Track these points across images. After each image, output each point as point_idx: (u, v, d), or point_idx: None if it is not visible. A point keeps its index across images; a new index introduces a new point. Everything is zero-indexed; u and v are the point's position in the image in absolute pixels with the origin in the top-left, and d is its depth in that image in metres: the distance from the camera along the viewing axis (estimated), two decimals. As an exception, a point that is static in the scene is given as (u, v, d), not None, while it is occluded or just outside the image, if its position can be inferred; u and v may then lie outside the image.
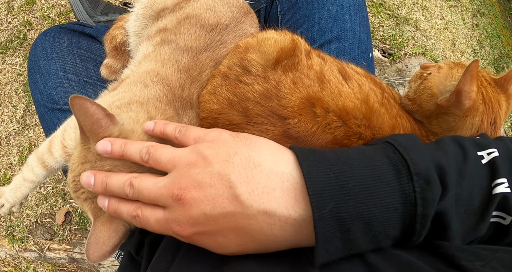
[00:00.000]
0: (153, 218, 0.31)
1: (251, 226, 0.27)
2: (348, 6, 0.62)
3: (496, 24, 2.59)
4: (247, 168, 0.28)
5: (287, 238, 0.28)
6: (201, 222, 0.28)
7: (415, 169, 0.27)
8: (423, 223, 0.27)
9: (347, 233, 0.26)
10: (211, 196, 0.28)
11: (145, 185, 0.31)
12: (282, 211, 0.27)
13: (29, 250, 0.94)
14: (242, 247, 0.29)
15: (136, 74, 0.51)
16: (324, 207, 0.26)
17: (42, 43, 0.62)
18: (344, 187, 0.26)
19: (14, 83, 1.09)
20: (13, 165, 1.02)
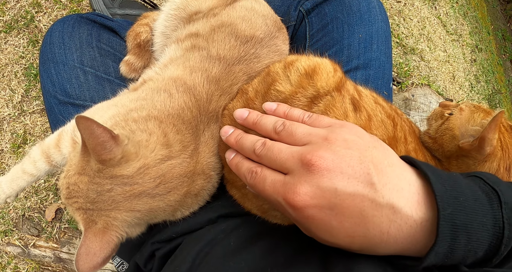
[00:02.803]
0: (271, 178, 0.31)
1: (374, 218, 0.27)
2: (376, 36, 0.63)
3: (491, 60, 2.70)
4: (383, 163, 0.29)
5: (397, 240, 0.28)
6: (327, 195, 0.28)
7: (504, 198, 0.29)
8: (507, 244, 0.28)
9: (454, 241, 0.27)
10: (348, 174, 0.28)
11: (278, 146, 0.32)
12: (407, 210, 0.28)
13: (13, 244, 0.88)
14: (349, 240, 0.28)
15: (160, 79, 0.49)
16: (445, 210, 0.27)
17: (60, 31, 0.59)
18: (457, 198, 0.28)
19: (15, 65, 1.04)
20: (4, 152, 0.97)
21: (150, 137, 0.40)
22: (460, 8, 2.40)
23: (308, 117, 0.35)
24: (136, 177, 0.38)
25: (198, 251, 0.40)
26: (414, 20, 1.81)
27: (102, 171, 0.37)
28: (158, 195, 0.39)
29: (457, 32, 2.23)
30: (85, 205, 0.38)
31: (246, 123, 0.38)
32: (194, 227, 0.45)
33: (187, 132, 0.42)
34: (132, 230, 0.40)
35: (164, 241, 0.46)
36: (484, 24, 2.85)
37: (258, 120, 0.36)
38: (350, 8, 0.62)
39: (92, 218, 0.38)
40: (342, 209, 0.27)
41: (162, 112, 0.43)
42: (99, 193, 0.37)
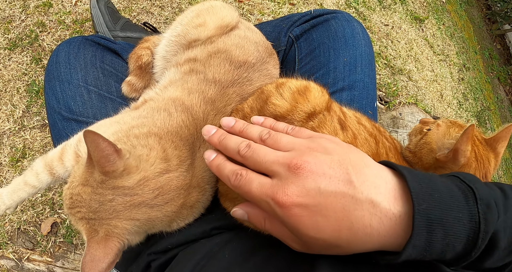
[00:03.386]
0: (257, 181, 0.33)
1: (356, 211, 0.30)
2: (360, 59, 0.68)
3: (479, 78, 2.81)
4: (360, 165, 0.32)
5: (380, 233, 0.30)
6: (312, 194, 0.30)
7: (479, 195, 0.31)
8: (483, 238, 0.30)
9: (431, 235, 0.29)
10: (329, 175, 0.31)
11: (263, 149, 0.34)
12: (385, 204, 0.30)
13: (6, 257, 0.89)
14: (336, 234, 0.30)
15: (160, 99, 0.53)
16: (420, 205, 0.29)
17: (66, 51, 0.63)
18: (432, 195, 0.30)
19: (18, 82, 1.08)
20: (2, 165, 0.99)
21: (150, 151, 0.43)
22: (446, 29, 2.52)
23: (291, 129, 0.39)
24: (136, 188, 0.41)
25: (195, 264, 0.42)
26: (402, 42, 1.90)
27: (105, 182, 0.40)
28: (156, 205, 0.42)
29: (444, 53, 2.33)
30: (87, 214, 0.40)
31: (232, 131, 0.40)
32: (189, 238, 0.47)
33: (184, 148, 0.46)
34: (132, 237, 0.42)
35: (160, 252, 0.48)
36: (471, 44, 2.98)
37: (245, 128, 0.39)
38: (336, 34, 0.67)
39: (94, 227, 0.40)
40: (326, 206, 0.30)
41: (161, 130, 0.46)
42: (101, 202, 0.40)
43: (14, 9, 1.14)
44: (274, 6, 1.46)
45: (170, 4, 1.27)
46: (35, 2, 1.16)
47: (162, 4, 1.26)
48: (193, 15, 0.57)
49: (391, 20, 1.92)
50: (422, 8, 2.28)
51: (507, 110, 3.29)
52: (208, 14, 0.56)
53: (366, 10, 1.81)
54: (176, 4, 1.28)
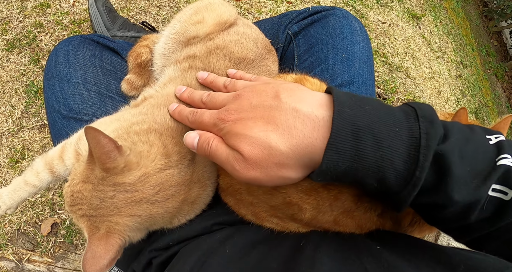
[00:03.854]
0: (208, 112, 0.40)
1: (280, 116, 0.34)
2: (359, 55, 0.68)
3: (477, 75, 2.82)
4: (293, 89, 0.37)
5: (305, 134, 0.33)
6: (245, 109, 0.36)
7: (421, 112, 0.32)
8: (425, 154, 0.30)
9: (358, 141, 0.31)
10: (259, 93, 0.37)
11: (219, 94, 0.42)
12: (308, 109, 0.34)
13: (7, 259, 0.88)
14: (264, 133, 0.34)
15: (160, 96, 0.53)
16: (344, 111, 0.32)
17: (65, 50, 0.63)
18: (362, 107, 0.32)
19: (16, 82, 1.08)
20: (1, 166, 0.98)
21: (151, 148, 0.43)
22: (444, 27, 2.53)
23: (255, 78, 0.47)
24: (137, 184, 0.41)
25: (196, 260, 0.42)
26: (399, 40, 1.90)
27: (105, 178, 0.40)
28: (157, 201, 0.42)
29: (441, 50, 2.34)
30: (88, 211, 0.40)
31: (205, 82, 0.49)
32: (191, 235, 0.47)
33: (184, 146, 0.46)
34: (133, 234, 0.42)
35: (162, 249, 0.48)
36: (468, 41, 2.99)
37: (215, 79, 0.48)
38: (334, 30, 0.68)
39: (96, 224, 0.40)
40: (255, 114, 0.35)
41: (162, 126, 0.46)
42: (102, 199, 0.40)
43: (11, 10, 1.13)
44: (271, 5, 1.47)
45: (168, 4, 1.27)
46: (33, 2, 1.16)
47: (160, 3, 1.26)
48: (192, 13, 0.57)
49: (388, 17, 1.92)
50: (419, 5, 2.29)
51: (504, 106, 3.30)
52: (206, 11, 0.56)
53: (363, 8, 1.81)
54: (174, 3, 1.28)
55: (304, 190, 0.40)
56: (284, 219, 0.44)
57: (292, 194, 0.40)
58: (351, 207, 0.40)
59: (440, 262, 0.31)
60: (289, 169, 0.34)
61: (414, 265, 0.31)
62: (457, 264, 0.30)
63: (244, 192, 0.44)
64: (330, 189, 0.40)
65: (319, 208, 0.41)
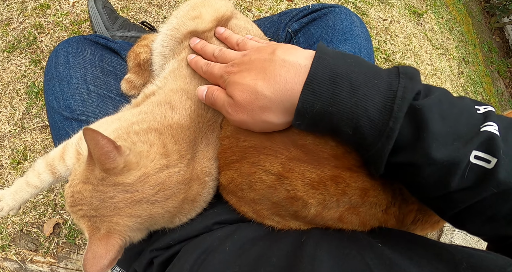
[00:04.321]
0: (218, 66, 0.46)
1: (270, 66, 0.38)
2: (359, 52, 0.68)
3: (479, 72, 2.80)
4: (290, 47, 0.40)
5: (287, 79, 0.36)
6: (246, 63, 0.41)
7: (403, 70, 0.34)
8: (400, 105, 0.31)
9: (335, 85, 0.33)
10: (260, 51, 0.42)
11: (230, 51, 0.47)
12: (293, 59, 0.37)
13: (10, 259, 0.89)
14: (253, 82, 0.38)
15: (161, 92, 0.52)
16: (323, 58, 0.35)
17: (65, 51, 0.63)
18: (344, 59, 0.35)
19: (17, 84, 1.08)
20: (3, 167, 0.98)
21: (150, 147, 0.43)
22: (445, 23, 2.51)
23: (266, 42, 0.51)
24: (137, 184, 0.40)
25: (196, 259, 0.42)
26: (401, 37, 1.89)
27: (105, 179, 0.40)
28: (157, 201, 0.42)
29: (443, 47, 2.32)
30: (89, 212, 0.40)
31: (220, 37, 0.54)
32: (192, 234, 0.47)
33: (184, 141, 0.46)
34: (134, 234, 0.42)
35: (163, 248, 0.48)
36: (470, 38, 2.97)
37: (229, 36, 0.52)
38: (334, 28, 0.67)
39: (96, 224, 0.40)
40: (252, 66, 0.40)
41: (162, 124, 0.46)
42: (102, 200, 0.40)
43: (11, 12, 1.14)
44: (272, 3, 1.46)
45: (167, 3, 1.27)
46: (33, 4, 1.16)
47: (160, 3, 1.26)
48: (189, 8, 0.57)
49: (389, 14, 1.91)
50: (420, 2, 2.28)
51: (507, 103, 3.28)
52: (203, 6, 0.56)
53: (364, 5, 1.80)
54: (173, 2, 1.28)
55: (311, 182, 0.40)
56: (286, 217, 0.44)
57: (298, 186, 0.40)
58: (358, 202, 0.40)
59: (442, 260, 0.31)
60: (271, 112, 0.38)
61: (416, 262, 0.31)
62: (459, 261, 0.30)
63: (246, 187, 0.44)
64: (338, 182, 0.39)
65: (325, 204, 0.40)
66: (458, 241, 1.26)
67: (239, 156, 0.44)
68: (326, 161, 0.40)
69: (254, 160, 0.42)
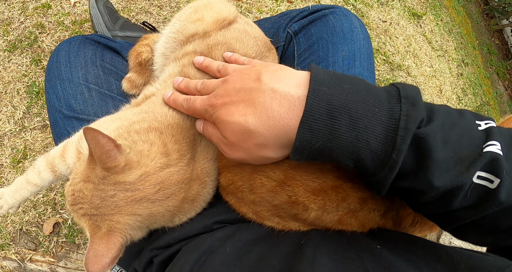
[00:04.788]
0: (200, 99, 0.43)
1: (259, 98, 0.35)
2: (359, 53, 0.68)
3: (478, 73, 2.81)
4: (276, 70, 0.38)
5: (281, 115, 0.34)
6: (229, 93, 0.38)
7: (405, 93, 0.31)
8: (403, 136, 0.29)
9: (333, 120, 0.31)
10: (243, 77, 0.38)
11: (212, 81, 0.44)
12: (285, 89, 0.34)
13: (9, 258, 0.89)
14: (243, 118, 0.36)
15: (161, 94, 0.53)
16: (319, 90, 0.32)
17: (66, 50, 0.63)
18: (340, 86, 0.32)
19: (18, 83, 1.08)
20: (3, 166, 0.99)
21: (151, 147, 0.43)
22: (445, 25, 2.52)
23: (247, 61, 0.49)
24: (137, 183, 0.41)
25: (196, 259, 0.42)
26: (400, 38, 1.90)
27: (106, 177, 0.40)
28: (158, 200, 0.42)
29: (442, 48, 2.33)
30: (89, 210, 0.40)
31: (201, 66, 0.51)
32: (191, 233, 0.48)
33: (184, 141, 0.46)
34: (134, 233, 0.42)
35: (163, 247, 0.48)
36: (469, 40, 2.98)
37: (209, 63, 0.50)
38: (334, 28, 0.68)
39: (97, 223, 0.40)
40: (238, 98, 0.37)
41: (162, 124, 0.46)
42: (102, 198, 0.40)
43: (13, 11, 1.14)
44: (272, 4, 1.47)
45: (168, 4, 1.28)
46: (34, 3, 1.16)
47: (161, 3, 1.27)
48: (191, 11, 0.57)
49: (389, 16, 1.92)
50: (420, 4, 2.28)
51: (506, 105, 3.28)
52: (205, 9, 0.56)
53: (364, 6, 1.81)
54: (174, 3, 1.28)
55: (312, 190, 0.40)
56: (286, 218, 0.44)
57: (299, 192, 0.40)
58: (356, 207, 0.41)
59: (440, 261, 0.31)
60: (268, 149, 0.36)
61: (414, 264, 0.31)
62: (457, 262, 0.30)
63: (247, 190, 0.44)
64: (338, 191, 0.40)
65: (325, 208, 0.41)
66: (458, 242, 1.26)
67: None
68: (328, 171, 0.40)
69: (255, 165, 0.43)
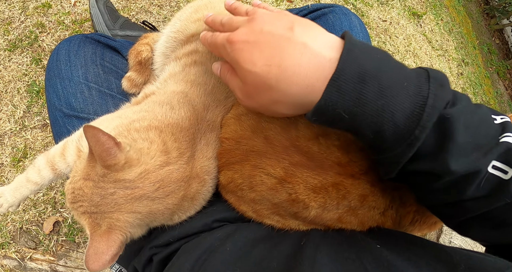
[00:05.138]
0: (222, 35, 0.39)
1: (288, 49, 0.33)
2: None
3: (478, 73, 2.80)
4: (310, 25, 0.35)
5: (307, 73, 0.32)
6: (254, 33, 0.35)
7: (433, 74, 0.31)
8: (430, 113, 0.29)
9: (362, 84, 0.30)
10: (273, 21, 0.35)
11: (238, 17, 0.41)
12: (316, 47, 0.32)
13: (9, 257, 0.89)
14: (266, 68, 0.33)
15: (162, 92, 0.53)
16: (353, 51, 0.31)
17: (66, 49, 0.63)
18: (373, 54, 0.31)
19: (18, 82, 1.08)
20: (4, 165, 0.99)
21: (151, 145, 0.43)
22: (445, 25, 2.52)
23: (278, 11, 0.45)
24: (137, 181, 0.41)
25: (196, 259, 0.42)
26: (400, 38, 1.90)
27: (106, 175, 0.40)
28: (157, 198, 0.42)
29: (442, 48, 2.33)
30: (89, 208, 0.40)
31: (230, 8, 0.47)
32: (191, 232, 0.48)
33: (183, 140, 0.46)
34: (134, 230, 0.42)
35: (162, 245, 0.48)
36: (469, 39, 2.98)
37: (239, 6, 0.46)
38: (333, 27, 0.68)
39: (97, 221, 0.40)
40: (263, 42, 0.34)
41: (162, 123, 0.46)
42: (102, 196, 0.40)
43: (13, 11, 1.14)
44: (272, 4, 1.47)
45: (168, 3, 1.28)
46: (34, 3, 1.16)
47: (161, 3, 1.27)
48: (192, 11, 0.58)
49: (389, 15, 1.92)
50: (420, 3, 2.28)
51: (506, 104, 3.28)
52: (206, 9, 0.56)
53: (364, 6, 1.81)
54: (174, 3, 1.28)
55: (313, 187, 0.40)
56: (286, 216, 0.44)
57: (300, 190, 0.40)
58: (357, 205, 0.41)
59: (440, 261, 0.31)
60: (283, 106, 0.35)
61: (414, 263, 0.31)
62: (457, 262, 0.30)
63: (246, 188, 0.44)
64: (339, 188, 0.40)
65: (325, 206, 0.41)
66: (458, 241, 1.26)
67: (240, 158, 0.44)
68: (329, 168, 0.40)
69: (255, 162, 0.42)
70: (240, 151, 0.44)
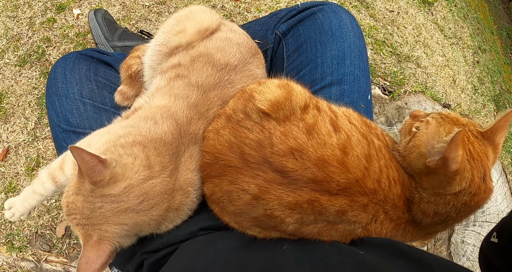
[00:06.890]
0: None
1: None
2: (349, 51, 0.66)
3: (497, 60, 2.66)
4: None
5: None
6: None
7: None
8: None
9: None
10: None
11: None
12: None
13: (26, 259, 0.96)
14: None
15: (148, 107, 0.55)
16: None
17: (62, 67, 0.66)
18: None
19: (29, 96, 1.14)
20: (19, 174, 1.05)
21: (135, 160, 0.46)
22: (459, 11, 2.40)
23: None
24: (122, 195, 0.43)
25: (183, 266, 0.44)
26: (409, 28, 1.84)
27: (94, 191, 0.43)
28: (142, 210, 0.44)
29: (456, 36, 2.23)
30: (81, 220, 0.43)
31: None
32: (178, 239, 0.50)
33: (166, 154, 0.48)
34: (123, 240, 0.45)
35: (152, 251, 0.51)
36: (486, 25, 2.82)
37: None
38: (322, 27, 0.66)
39: (88, 232, 0.44)
40: None
41: (146, 138, 0.48)
42: (92, 210, 0.43)
43: (21, 27, 1.20)
44: (271, 2, 1.46)
45: (167, 10, 1.30)
46: (40, 18, 1.22)
47: (160, 10, 1.29)
48: (174, 23, 0.59)
49: (396, 5, 1.86)
50: (430, -10, 2.19)
51: (530, 91, 3.10)
52: (187, 20, 0.57)
53: (368, -2, 1.76)
54: (173, 9, 1.30)
55: (287, 204, 0.40)
56: (266, 228, 0.45)
57: (274, 206, 0.41)
58: (336, 220, 0.41)
59: None
60: None
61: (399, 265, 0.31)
62: None
63: (226, 201, 0.45)
64: (314, 205, 0.40)
65: (302, 221, 0.41)
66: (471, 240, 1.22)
67: (218, 173, 0.46)
68: (304, 184, 0.40)
69: (232, 178, 0.44)
70: (218, 165, 0.45)
